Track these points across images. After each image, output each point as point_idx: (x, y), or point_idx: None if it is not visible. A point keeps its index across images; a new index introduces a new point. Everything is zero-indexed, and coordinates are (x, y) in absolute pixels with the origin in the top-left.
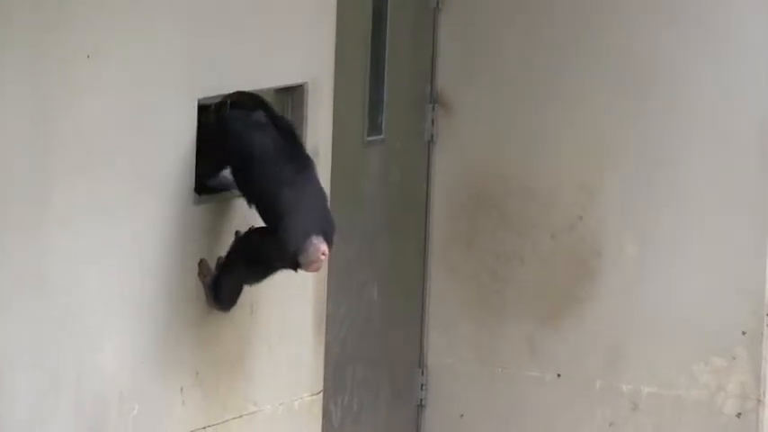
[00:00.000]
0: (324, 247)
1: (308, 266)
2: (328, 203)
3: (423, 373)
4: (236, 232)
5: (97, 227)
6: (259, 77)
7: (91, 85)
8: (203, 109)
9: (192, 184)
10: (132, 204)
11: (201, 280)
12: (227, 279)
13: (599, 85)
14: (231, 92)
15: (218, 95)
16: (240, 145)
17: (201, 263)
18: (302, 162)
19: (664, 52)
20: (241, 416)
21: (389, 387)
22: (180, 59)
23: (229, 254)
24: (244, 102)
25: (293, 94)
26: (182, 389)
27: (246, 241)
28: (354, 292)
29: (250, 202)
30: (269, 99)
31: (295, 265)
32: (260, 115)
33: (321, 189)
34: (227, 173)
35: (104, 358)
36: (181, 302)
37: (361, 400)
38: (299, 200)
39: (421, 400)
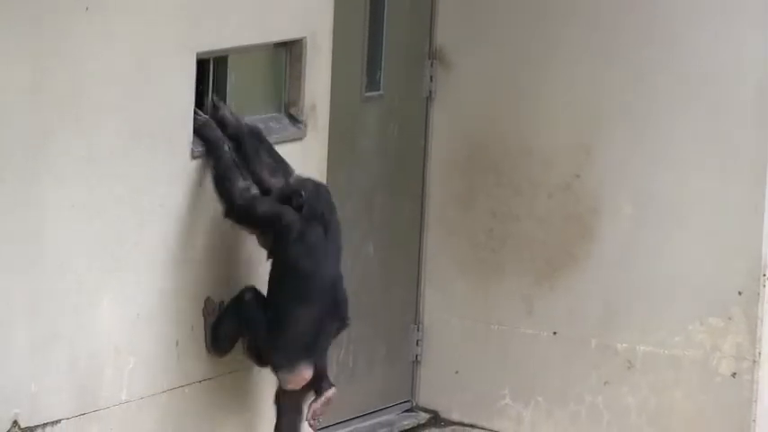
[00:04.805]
0: (308, 374)
1: (284, 386)
2: (344, 318)
3: (418, 330)
4: (221, 303)
5: (94, 181)
6: (258, 32)
7: (89, 38)
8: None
9: (190, 138)
10: (130, 158)
11: (205, 318)
12: (227, 330)
13: (598, 45)
14: (303, 180)
15: (217, 51)
16: (293, 244)
17: (207, 301)
18: (330, 278)
19: (662, 12)
20: (236, 370)
21: (385, 343)
22: (179, 14)
23: (231, 317)
24: (312, 197)
25: (291, 48)
26: (177, 343)
27: (254, 331)
28: (351, 248)
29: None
30: (268, 54)
31: None
32: (319, 232)
33: (340, 307)
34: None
35: (100, 313)
36: (177, 257)
37: (357, 357)
38: (305, 322)
39: (416, 356)
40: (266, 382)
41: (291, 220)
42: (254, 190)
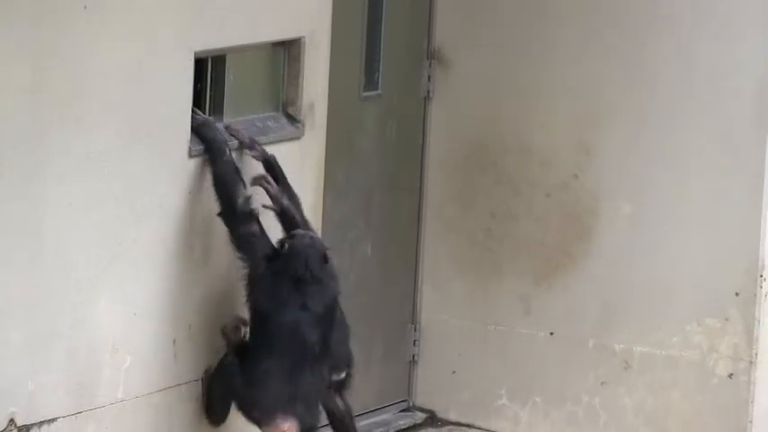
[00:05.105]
0: (287, 427)
1: None
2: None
3: (416, 330)
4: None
5: (93, 179)
6: (256, 31)
7: (88, 37)
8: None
9: (188, 137)
10: (128, 157)
11: (203, 386)
12: (217, 395)
13: (597, 46)
14: (301, 236)
15: (215, 50)
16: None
17: (207, 371)
18: (301, 330)
19: (661, 10)
20: None
21: (382, 343)
22: (177, 13)
23: (218, 382)
24: (291, 253)
25: (290, 47)
26: (174, 341)
27: (234, 393)
28: (348, 248)
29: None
30: (266, 53)
31: None
32: (287, 284)
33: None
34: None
35: (98, 310)
36: (175, 255)
37: (355, 356)
38: (275, 374)
39: (413, 356)
40: None
41: (256, 262)
42: (254, 204)
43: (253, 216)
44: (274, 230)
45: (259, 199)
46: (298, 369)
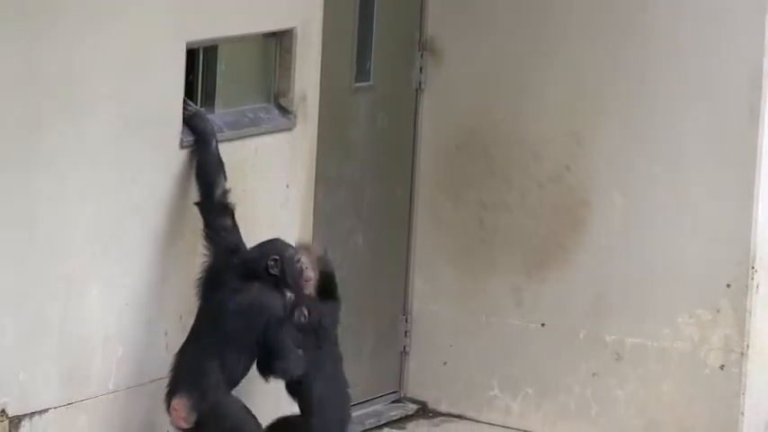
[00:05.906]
0: (179, 406)
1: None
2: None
3: (407, 321)
4: None
5: (84, 170)
6: (248, 22)
7: (79, 26)
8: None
9: (180, 128)
10: (119, 148)
11: None
12: None
13: (590, 36)
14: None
15: (206, 40)
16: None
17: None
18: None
19: (656, 4)
20: None
21: (374, 334)
22: (169, 3)
23: None
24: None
25: (282, 38)
26: (166, 332)
27: None
28: (340, 239)
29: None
30: (257, 44)
31: None
32: (232, 277)
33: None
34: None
35: (89, 301)
36: (166, 246)
37: (345, 347)
38: (186, 355)
39: (405, 347)
40: (253, 373)
41: (219, 253)
42: (231, 198)
43: (228, 210)
44: (251, 232)
45: (237, 194)
46: (211, 354)
